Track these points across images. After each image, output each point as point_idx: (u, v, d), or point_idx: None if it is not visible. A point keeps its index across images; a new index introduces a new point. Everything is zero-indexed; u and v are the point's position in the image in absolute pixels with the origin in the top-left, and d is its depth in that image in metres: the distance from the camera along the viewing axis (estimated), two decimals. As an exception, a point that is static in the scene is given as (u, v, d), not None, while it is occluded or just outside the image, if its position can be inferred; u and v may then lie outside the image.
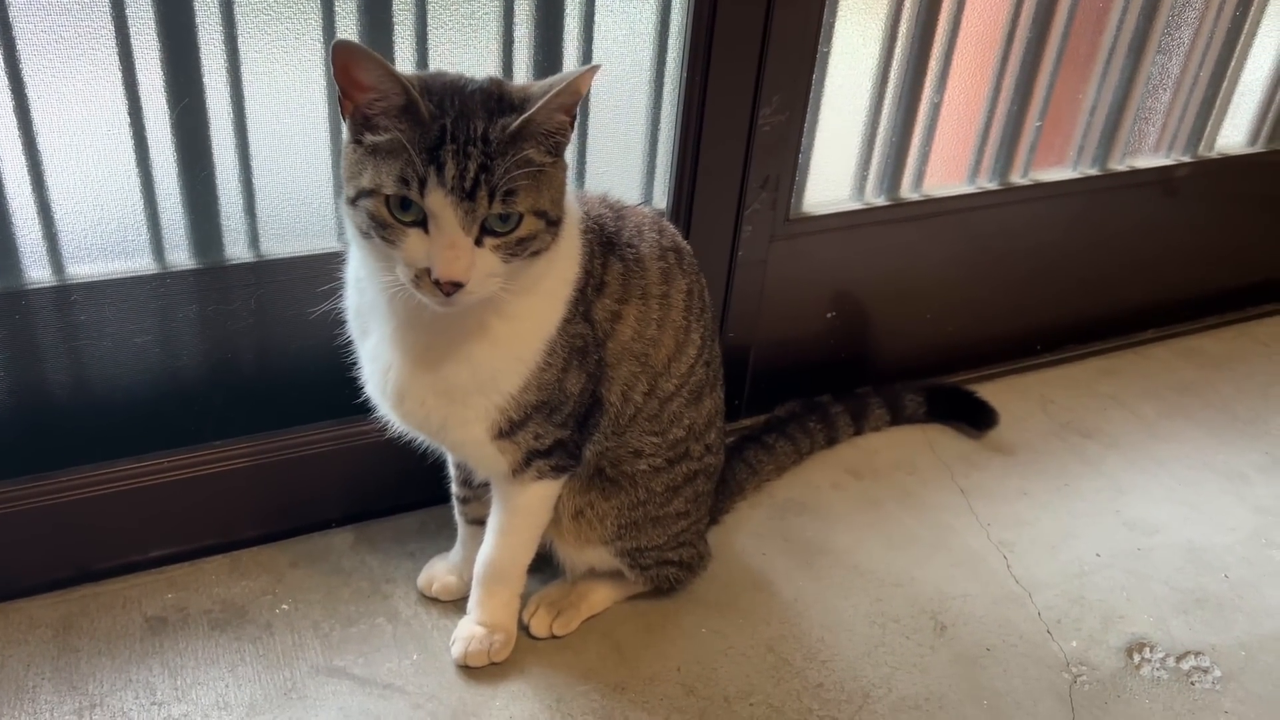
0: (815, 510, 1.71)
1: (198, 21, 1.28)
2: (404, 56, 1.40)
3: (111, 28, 1.25)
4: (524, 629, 1.42)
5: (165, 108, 1.31)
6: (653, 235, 1.29)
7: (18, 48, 1.22)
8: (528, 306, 1.15)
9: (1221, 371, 2.19)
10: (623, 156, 1.65)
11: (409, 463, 1.40)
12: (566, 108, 1.03)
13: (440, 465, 1.46)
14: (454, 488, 1.45)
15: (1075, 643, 1.48)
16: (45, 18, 1.22)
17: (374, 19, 1.37)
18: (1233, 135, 2.24)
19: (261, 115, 1.37)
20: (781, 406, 1.84)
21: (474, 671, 1.35)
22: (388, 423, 1.26)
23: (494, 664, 1.36)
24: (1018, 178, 2.00)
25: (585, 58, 1.52)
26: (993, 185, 1.97)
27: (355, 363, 1.25)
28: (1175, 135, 2.16)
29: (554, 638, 1.41)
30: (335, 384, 1.31)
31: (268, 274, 1.45)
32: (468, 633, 1.36)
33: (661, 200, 1.67)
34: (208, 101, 1.33)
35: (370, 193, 1.01)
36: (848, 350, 1.97)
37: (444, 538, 1.53)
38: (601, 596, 1.46)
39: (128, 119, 1.30)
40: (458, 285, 1.01)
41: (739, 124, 1.61)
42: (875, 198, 1.88)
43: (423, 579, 1.47)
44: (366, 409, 1.27)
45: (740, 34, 1.53)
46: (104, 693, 1.29)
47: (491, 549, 1.34)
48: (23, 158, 1.28)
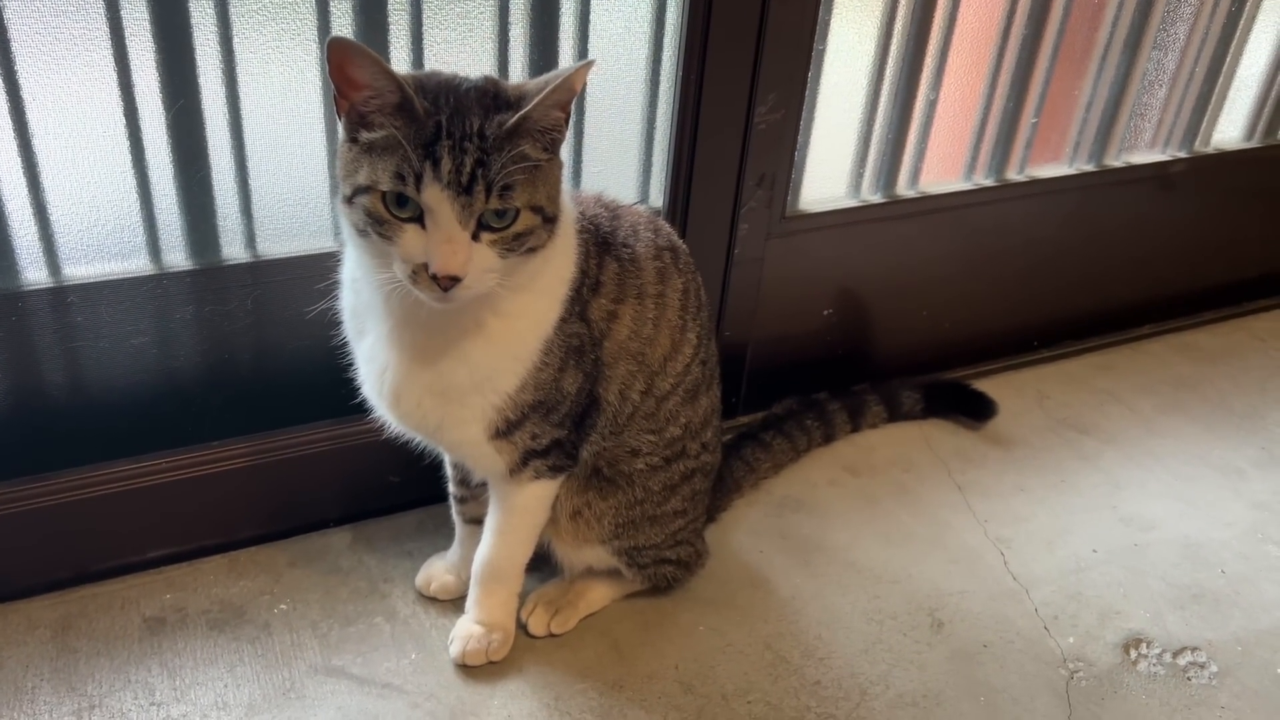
0: (812, 508, 1.71)
1: (193, 22, 1.28)
2: (399, 56, 1.40)
3: (107, 29, 1.25)
4: (522, 627, 1.42)
5: (161, 108, 1.31)
6: (648, 234, 1.30)
7: (13, 49, 1.22)
8: (524, 305, 1.15)
9: (1218, 367, 2.19)
10: (619, 155, 1.65)
11: (406, 462, 1.40)
12: (562, 104, 1.03)
13: (438, 464, 1.47)
14: (451, 487, 1.45)
15: (1072, 639, 1.48)
16: (40, 19, 1.22)
17: (369, 19, 1.37)
18: (1229, 130, 2.24)
19: (257, 115, 1.37)
20: (779, 404, 1.84)
21: (472, 670, 1.35)
22: (385, 423, 1.26)
23: (492, 663, 1.36)
24: (1014, 174, 2.00)
25: (581, 56, 1.51)
26: (989, 182, 1.97)
27: (352, 363, 1.26)
28: (1171, 131, 2.16)
29: (552, 636, 1.42)
30: (332, 383, 1.31)
31: (264, 274, 1.45)
32: (466, 631, 1.37)
33: (658, 198, 1.67)
34: (203, 102, 1.33)
35: (366, 189, 1.01)
36: (845, 347, 1.97)
37: (442, 537, 1.53)
38: (599, 595, 1.46)
39: (123, 120, 1.30)
40: (455, 280, 1.01)
41: (735, 122, 1.61)
42: (871, 195, 1.88)
43: (421, 578, 1.48)
44: (363, 408, 1.27)
45: (736, 31, 1.53)
46: (103, 693, 1.29)
47: (489, 548, 1.34)
48: (18, 159, 1.28)
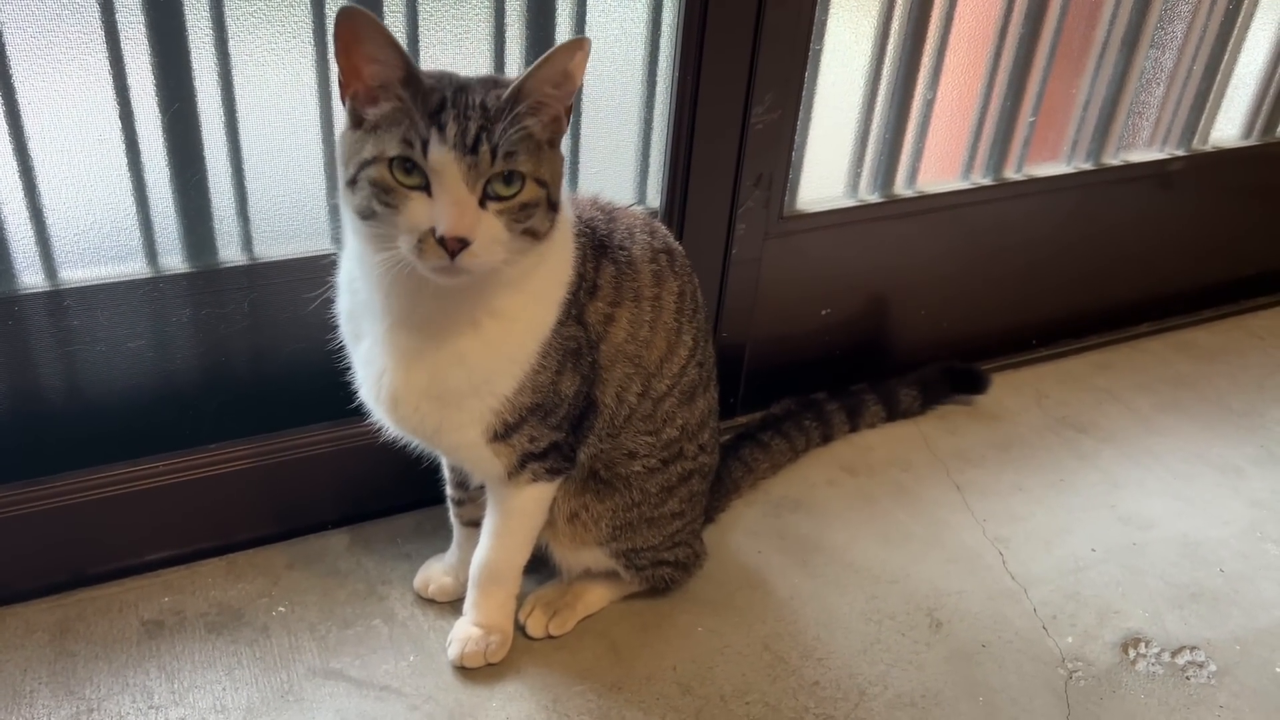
0: (811, 508, 1.71)
1: (188, 25, 1.28)
2: (395, 58, 1.40)
3: (102, 32, 1.25)
4: (520, 629, 1.42)
5: (157, 111, 1.31)
6: (644, 237, 1.29)
7: (8, 53, 1.22)
8: (520, 306, 1.15)
9: (1216, 365, 2.19)
10: (616, 155, 1.65)
11: (404, 464, 1.40)
12: (555, 81, 1.04)
13: (435, 466, 1.47)
14: (449, 490, 1.45)
15: (1071, 638, 1.48)
16: (35, 22, 1.21)
17: (365, 21, 1.37)
18: (1227, 128, 2.24)
19: (253, 118, 1.37)
20: (777, 404, 1.84)
21: (470, 672, 1.35)
22: (382, 427, 1.26)
23: (490, 665, 1.36)
24: (1012, 173, 2.00)
25: (577, 57, 1.51)
26: (987, 181, 1.97)
27: (349, 365, 1.25)
28: (1169, 129, 2.16)
29: (550, 638, 1.42)
30: (330, 386, 1.31)
31: (261, 277, 1.45)
32: (464, 634, 1.36)
33: (655, 199, 1.67)
34: (199, 105, 1.33)
35: (372, 161, 1.02)
36: (843, 347, 1.97)
37: (440, 539, 1.53)
38: (597, 596, 1.46)
39: (119, 123, 1.30)
40: (463, 244, 1.00)
41: (732, 122, 1.61)
42: (869, 194, 1.88)
43: (419, 580, 1.48)
44: (361, 411, 1.27)
45: (732, 32, 1.53)
46: (101, 697, 1.29)
47: (487, 551, 1.34)
48: (15, 162, 1.28)
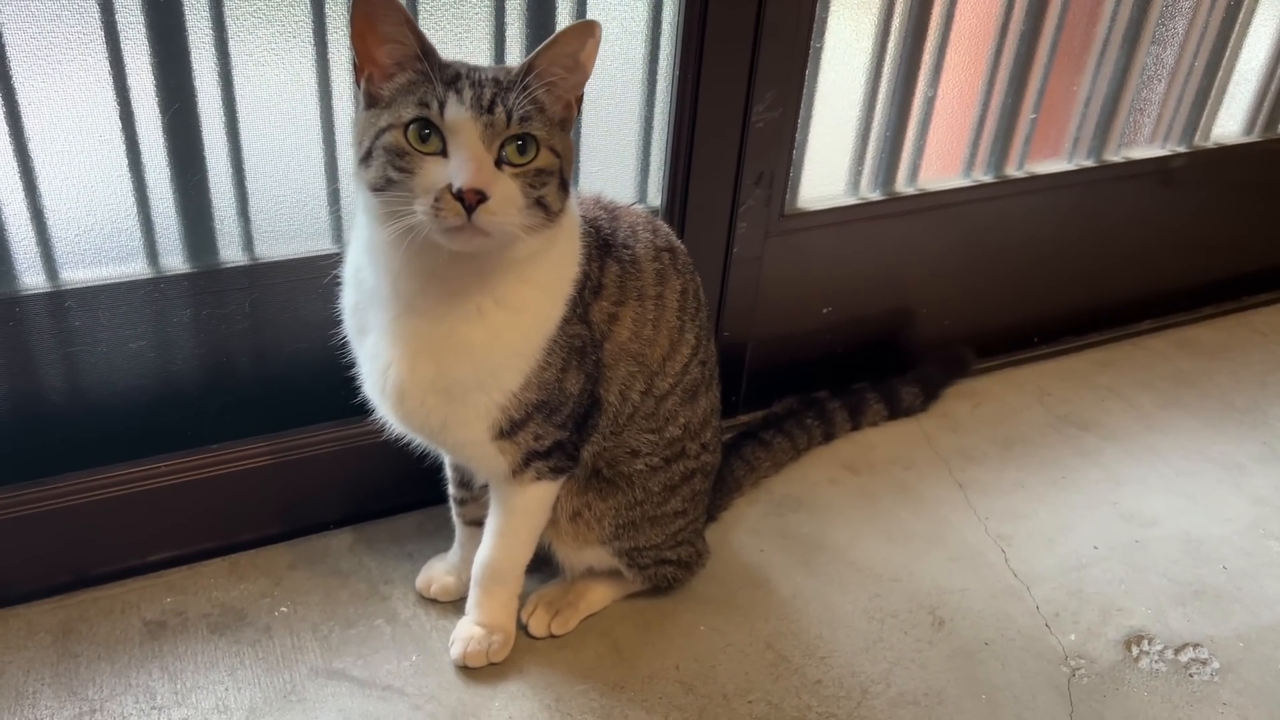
0: (813, 506, 1.71)
1: (188, 25, 1.28)
2: (396, 57, 1.40)
3: (102, 32, 1.25)
4: (522, 628, 1.42)
5: (157, 111, 1.31)
6: (647, 236, 1.29)
7: (8, 54, 1.22)
8: (527, 298, 1.15)
9: (1218, 362, 2.19)
10: (617, 154, 1.64)
11: (407, 463, 1.40)
12: (566, 64, 1.06)
13: (438, 466, 1.46)
14: (451, 489, 1.45)
15: (1073, 636, 1.48)
16: (35, 22, 1.21)
17: (365, 20, 1.36)
18: (1228, 125, 2.24)
19: (253, 118, 1.37)
20: (779, 403, 1.84)
21: (473, 672, 1.35)
22: (386, 424, 1.26)
23: (493, 664, 1.36)
24: (1013, 170, 2.00)
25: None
26: (988, 178, 1.97)
27: (352, 364, 1.25)
28: (1171, 126, 2.16)
29: (552, 637, 1.42)
30: (332, 385, 1.31)
31: (262, 277, 1.45)
32: (466, 633, 1.36)
33: (656, 197, 1.67)
34: (199, 105, 1.33)
35: (388, 128, 1.03)
36: (844, 345, 1.97)
37: (442, 538, 1.53)
38: (600, 595, 1.46)
39: (120, 123, 1.30)
40: (480, 197, 1.00)
41: (733, 120, 1.61)
42: (870, 192, 1.88)
43: (421, 580, 1.48)
44: (364, 410, 1.26)
45: (733, 30, 1.53)
46: (104, 697, 1.29)
47: (490, 550, 1.34)
48: (15, 163, 1.28)
